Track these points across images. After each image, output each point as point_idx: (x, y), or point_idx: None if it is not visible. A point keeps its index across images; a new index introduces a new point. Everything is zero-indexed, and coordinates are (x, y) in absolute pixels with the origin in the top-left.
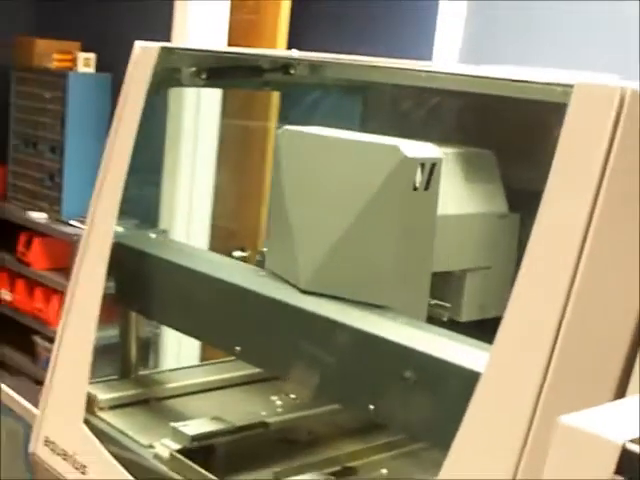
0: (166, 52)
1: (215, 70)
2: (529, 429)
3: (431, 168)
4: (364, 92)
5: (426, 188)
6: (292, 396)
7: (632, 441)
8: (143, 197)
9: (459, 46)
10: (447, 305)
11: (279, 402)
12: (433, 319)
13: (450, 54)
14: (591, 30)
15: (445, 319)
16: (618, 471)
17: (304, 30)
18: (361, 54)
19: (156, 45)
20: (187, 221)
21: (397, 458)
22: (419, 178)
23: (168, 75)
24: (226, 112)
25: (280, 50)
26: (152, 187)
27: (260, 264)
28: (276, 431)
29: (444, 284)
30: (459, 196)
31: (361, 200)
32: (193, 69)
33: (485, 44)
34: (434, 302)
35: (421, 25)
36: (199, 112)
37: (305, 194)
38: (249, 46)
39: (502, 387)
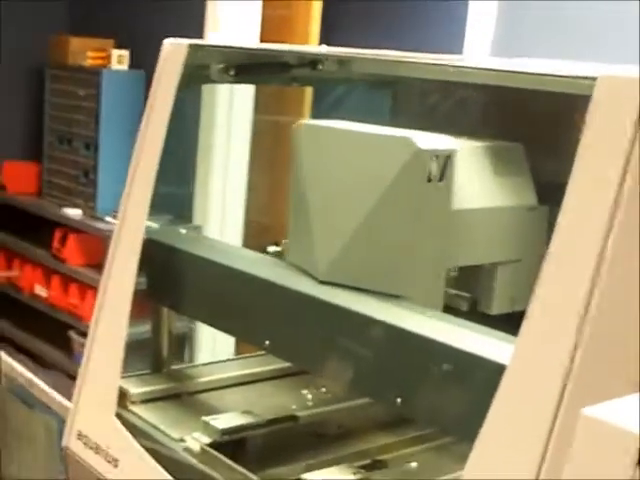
0: (195, 49)
1: (243, 66)
2: (554, 421)
3: (445, 160)
4: (393, 86)
5: (440, 179)
6: (323, 390)
7: None
8: (177, 193)
9: (489, 42)
10: (467, 295)
11: (310, 396)
12: (456, 310)
13: (481, 50)
14: (623, 29)
15: (465, 309)
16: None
17: (335, 26)
18: (392, 49)
19: (185, 42)
20: (221, 217)
21: (427, 451)
22: (433, 170)
23: (197, 72)
24: (259, 107)
25: (308, 46)
26: (186, 183)
27: None
28: (306, 425)
29: (475, 277)
30: (488, 189)
31: (376, 192)
32: (222, 65)
33: (515, 40)
34: (454, 292)
35: (452, 22)
36: (232, 108)
37: (322, 186)
38: (281, 42)
39: (527, 379)
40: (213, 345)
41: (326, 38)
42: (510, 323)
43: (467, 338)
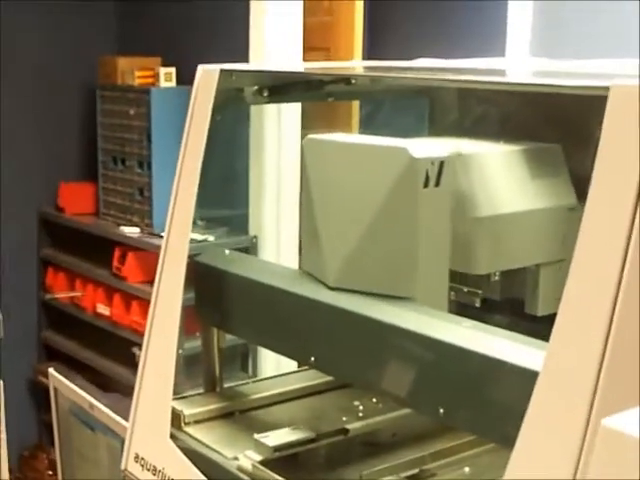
0: (226, 74)
1: (276, 87)
2: (586, 427)
3: (440, 166)
4: (429, 94)
5: (437, 185)
6: (374, 400)
7: None
8: (233, 206)
9: (528, 39)
10: (479, 292)
11: (361, 407)
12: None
13: (522, 44)
14: None
15: (478, 305)
16: None
17: (381, 26)
18: (438, 47)
19: (217, 67)
20: (276, 226)
21: (484, 454)
22: (429, 176)
23: (232, 95)
24: (306, 123)
25: (339, 63)
26: (241, 196)
27: None
28: (359, 436)
29: (519, 280)
30: (527, 192)
31: (378, 200)
32: (255, 88)
33: (552, 35)
34: (466, 290)
35: (493, 20)
36: (280, 124)
37: (328, 197)
38: (326, 48)
39: (558, 385)
40: (278, 357)
41: (371, 39)
42: None
43: (503, 347)
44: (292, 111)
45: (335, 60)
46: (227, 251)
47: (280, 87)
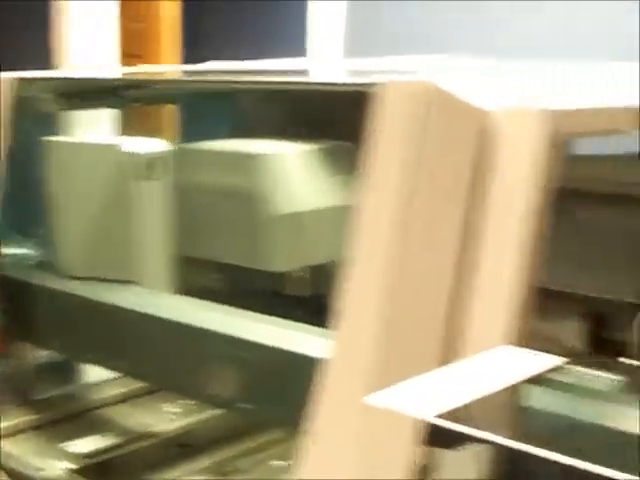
0: (24, 82)
1: (73, 94)
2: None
3: (152, 161)
4: (228, 97)
5: (151, 178)
6: (184, 402)
7: (440, 416)
8: (39, 214)
9: (341, 36)
10: (221, 277)
11: (170, 410)
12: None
13: (330, 41)
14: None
15: (222, 288)
16: (426, 444)
17: (198, 26)
18: (256, 48)
19: (12, 75)
20: None
21: (291, 449)
22: (142, 170)
23: (31, 102)
24: (127, 129)
25: (131, 68)
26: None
27: None
28: (169, 439)
29: (327, 275)
30: (325, 190)
31: (102, 193)
32: (51, 95)
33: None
34: (214, 277)
35: (293, 19)
36: (94, 130)
37: (65, 193)
38: (144, 54)
39: (339, 370)
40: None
41: (190, 39)
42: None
43: (280, 335)
44: (108, 119)
45: None
46: (31, 263)
47: (77, 94)
